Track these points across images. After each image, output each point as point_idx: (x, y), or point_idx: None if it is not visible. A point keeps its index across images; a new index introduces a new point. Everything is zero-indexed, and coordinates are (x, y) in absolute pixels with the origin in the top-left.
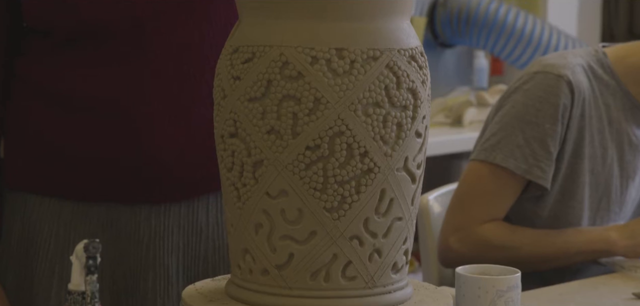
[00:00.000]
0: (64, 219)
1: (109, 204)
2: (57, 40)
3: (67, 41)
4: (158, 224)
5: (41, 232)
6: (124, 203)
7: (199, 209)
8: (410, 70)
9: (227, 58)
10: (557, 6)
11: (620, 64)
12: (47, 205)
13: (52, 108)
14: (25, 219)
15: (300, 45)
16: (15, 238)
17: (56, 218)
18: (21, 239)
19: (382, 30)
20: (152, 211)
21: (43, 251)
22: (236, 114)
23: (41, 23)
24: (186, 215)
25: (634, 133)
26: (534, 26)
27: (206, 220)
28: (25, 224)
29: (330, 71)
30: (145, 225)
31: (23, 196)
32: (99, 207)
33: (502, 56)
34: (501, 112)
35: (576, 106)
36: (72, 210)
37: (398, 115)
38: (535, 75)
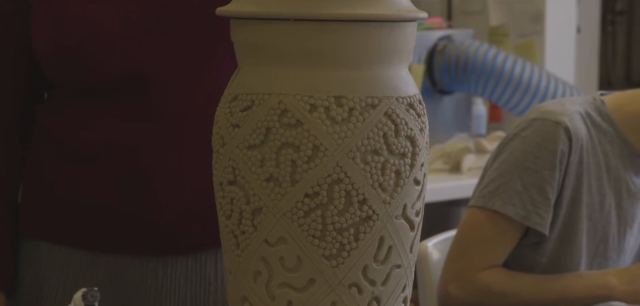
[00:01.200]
0: (72, 268)
1: (117, 255)
2: (68, 93)
3: (79, 93)
4: (165, 276)
5: (50, 280)
6: (131, 255)
7: (207, 262)
8: (409, 118)
9: (226, 106)
10: (554, 54)
11: (618, 111)
12: (57, 253)
13: (63, 157)
14: (36, 266)
15: (299, 93)
16: (27, 285)
17: (65, 267)
18: (32, 286)
19: (381, 78)
20: (160, 263)
21: (51, 300)
22: (235, 162)
23: (53, 75)
24: (194, 267)
25: (632, 181)
26: (531, 73)
27: (215, 273)
28: (36, 271)
29: (328, 119)
30: (153, 277)
31: (35, 243)
32: (107, 257)
33: (500, 103)
34: (500, 158)
35: (574, 153)
36: (80, 259)
37: (396, 163)
38: (533, 122)
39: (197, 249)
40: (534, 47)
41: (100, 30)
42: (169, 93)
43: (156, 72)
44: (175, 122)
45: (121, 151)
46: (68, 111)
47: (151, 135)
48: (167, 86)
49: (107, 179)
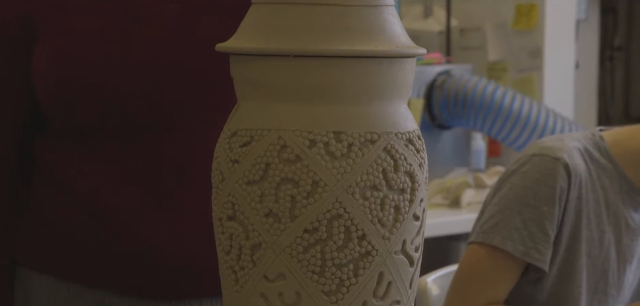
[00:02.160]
0: (58, 300)
1: (105, 293)
2: (64, 129)
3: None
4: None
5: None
6: (120, 294)
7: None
8: (408, 154)
9: (225, 141)
10: (553, 89)
11: (617, 147)
12: (45, 282)
13: (53, 190)
14: (26, 295)
15: (299, 128)
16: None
17: (52, 297)
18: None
19: (380, 113)
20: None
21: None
22: (234, 197)
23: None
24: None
25: (632, 217)
26: (530, 108)
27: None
28: (26, 301)
29: (328, 154)
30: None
31: (26, 272)
32: (94, 293)
33: (499, 138)
34: (499, 194)
35: (573, 189)
36: (67, 290)
37: (396, 198)
38: (532, 158)
39: (190, 296)
40: (532, 82)
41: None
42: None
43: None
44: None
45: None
46: (64, 147)
47: (141, 179)
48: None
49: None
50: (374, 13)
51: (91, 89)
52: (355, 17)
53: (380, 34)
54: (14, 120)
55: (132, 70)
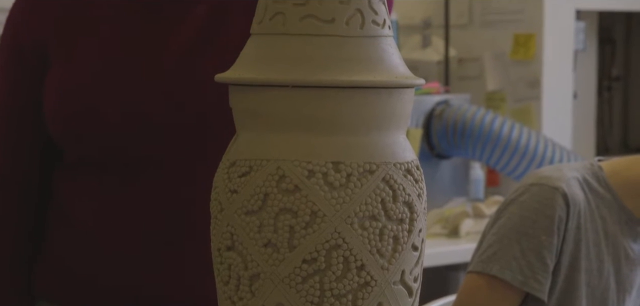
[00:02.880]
0: None
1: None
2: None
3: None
4: None
5: None
6: None
7: None
8: (406, 184)
9: (224, 172)
10: (551, 119)
11: (615, 177)
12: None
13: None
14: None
15: (297, 158)
16: None
17: None
18: None
19: (378, 144)
20: None
21: None
22: (233, 227)
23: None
24: None
25: (631, 247)
26: (529, 138)
27: None
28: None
29: (326, 184)
30: None
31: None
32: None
33: (497, 168)
34: (498, 223)
35: (572, 218)
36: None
37: (394, 229)
38: (531, 187)
39: None
40: (531, 112)
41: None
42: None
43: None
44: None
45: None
46: (72, 179)
47: (147, 214)
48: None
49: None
50: (372, 44)
51: (92, 123)
52: (353, 47)
53: (378, 64)
54: (32, 146)
55: (134, 106)
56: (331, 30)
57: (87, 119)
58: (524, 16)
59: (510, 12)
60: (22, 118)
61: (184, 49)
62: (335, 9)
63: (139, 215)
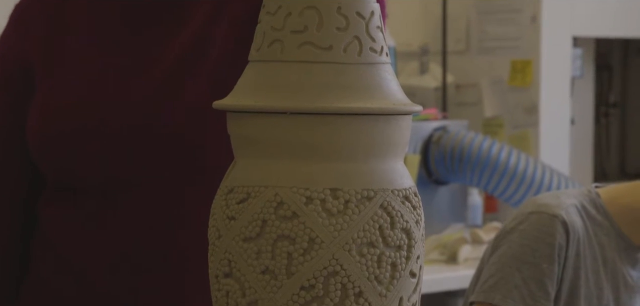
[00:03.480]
0: None
1: None
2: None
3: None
4: None
5: None
6: None
7: None
8: (405, 211)
9: (222, 198)
10: (549, 145)
11: (613, 204)
12: None
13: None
14: None
15: (295, 185)
16: None
17: None
18: None
19: (377, 171)
20: None
21: None
22: (231, 254)
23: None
24: None
25: (630, 274)
26: (527, 164)
27: None
28: None
29: (325, 211)
30: None
31: None
32: None
33: (496, 194)
34: (498, 252)
35: (572, 246)
36: None
37: (392, 256)
38: (530, 216)
39: None
40: (528, 139)
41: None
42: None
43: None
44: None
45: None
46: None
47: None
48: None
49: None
50: (370, 71)
51: (71, 146)
52: (351, 75)
53: (376, 91)
54: (18, 169)
55: (115, 129)
56: (329, 57)
57: (66, 142)
58: (521, 43)
59: (508, 39)
60: (9, 144)
61: (167, 73)
62: (334, 37)
63: (120, 239)
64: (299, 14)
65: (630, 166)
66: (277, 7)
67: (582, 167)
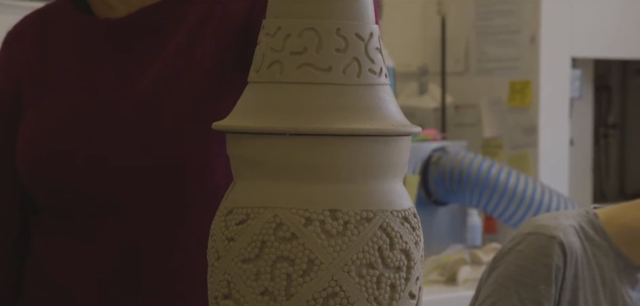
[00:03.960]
0: None
1: None
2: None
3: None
4: None
5: None
6: None
7: None
8: (404, 232)
9: (221, 219)
10: (548, 165)
11: (611, 224)
12: None
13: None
14: None
15: (294, 206)
16: None
17: None
18: None
19: (376, 191)
20: None
21: None
22: (230, 276)
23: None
24: None
25: (629, 295)
26: (526, 185)
27: None
28: None
29: (324, 232)
30: None
31: None
32: None
33: (495, 214)
34: (495, 273)
35: (569, 267)
36: None
37: (391, 277)
38: (527, 236)
39: None
40: (527, 159)
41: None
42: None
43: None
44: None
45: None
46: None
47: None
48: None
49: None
50: (369, 92)
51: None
52: (350, 96)
53: (375, 112)
54: (10, 195)
55: (90, 150)
56: (328, 78)
57: (52, 164)
58: (520, 63)
59: (507, 60)
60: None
61: (146, 93)
62: (333, 58)
63: (109, 257)
64: (298, 35)
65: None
66: (276, 28)
67: (581, 188)
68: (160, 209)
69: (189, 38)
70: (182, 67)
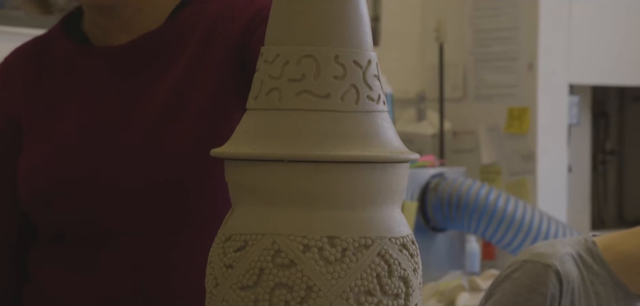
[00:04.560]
0: None
1: None
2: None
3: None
4: None
5: None
6: None
7: None
8: (402, 259)
9: (219, 246)
10: (546, 192)
11: (609, 252)
12: None
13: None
14: None
15: (293, 233)
16: None
17: None
18: None
19: (374, 218)
20: None
21: None
22: (228, 303)
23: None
24: None
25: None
26: (524, 211)
27: None
28: None
29: (322, 259)
30: None
31: None
32: None
33: (493, 241)
34: (491, 300)
35: (565, 296)
36: None
37: (390, 304)
38: (524, 264)
39: None
40: (526, 186)
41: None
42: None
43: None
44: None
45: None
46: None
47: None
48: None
49: None
50: (367, 119)
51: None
52: (348, 122)
53: (373, 139)
54: (8, 223)
55: (97, 177)
56: (326, 105)
57: (57, 191)
58: (517, 90)
59: (504, 86)
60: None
61: (150, 121)
62: (331, 85)
63: (110, 283)
64: (296, 63)
65: (627, 213)
66: (274, 55)
67: (580, 214)
68: (164, 233)
69: (192, 63)
70: (187, 92)
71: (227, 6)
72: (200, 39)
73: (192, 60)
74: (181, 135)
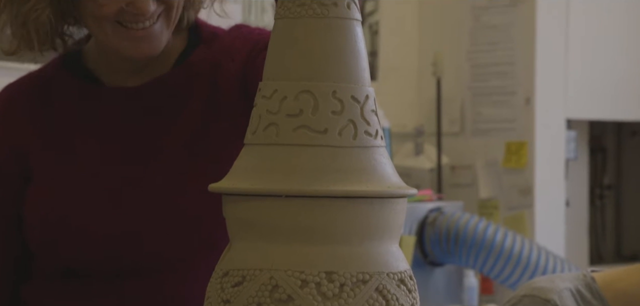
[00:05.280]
0: None
1: None
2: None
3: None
4: None
5: None
6: None
7: None
8: (400, 294)
9: (217, 281)
10: (544, 227)
11: (609, 289)
12: None
13: None
14: None
15: (290, 268)
16: None
17: None
18: None
19: (372, 253)
20: None
21: None
22: None
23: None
24: None
25: None
26: (522, 246)
27: None
28: None
29: (320, 294)
30: None
31: None
32: None
33: (491, 275)
34: None
35: None
36: None
37: None
38: (523, 299)
39: None
40: (523, 220)
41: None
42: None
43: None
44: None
45: None
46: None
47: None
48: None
49: None
50: (365, 154)
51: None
52: (346, 158)
53: (371, 174)
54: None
55: (118, 216)
56: (324, 140)
57: (81, 239)
58: (515, 125)
59: (502, 121)
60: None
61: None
62: (328, 120)
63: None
64: (294, 98)
65: (625, 247)
66: (272, 90)
67: (578, 249)
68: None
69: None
70: (204, 131)
71: (227, 48)
72: (208, 81)
73: (204, 102)
74: (202, 174)
